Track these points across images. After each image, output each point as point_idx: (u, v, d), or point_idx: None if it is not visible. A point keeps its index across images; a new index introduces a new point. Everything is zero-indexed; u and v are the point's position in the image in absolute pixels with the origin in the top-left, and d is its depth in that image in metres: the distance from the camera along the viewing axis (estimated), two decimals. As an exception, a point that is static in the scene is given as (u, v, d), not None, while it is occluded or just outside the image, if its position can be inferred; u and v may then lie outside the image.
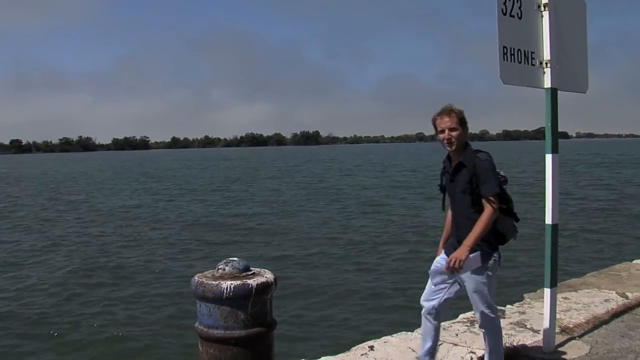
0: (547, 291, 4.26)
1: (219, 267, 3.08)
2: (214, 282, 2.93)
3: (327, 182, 33.15)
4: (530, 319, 5.09)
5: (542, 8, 4.11)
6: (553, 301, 4.24)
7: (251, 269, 3.11)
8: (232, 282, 2.92)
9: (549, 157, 4.17)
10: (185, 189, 31.89)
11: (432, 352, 3.96)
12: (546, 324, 4.26)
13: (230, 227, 17.04)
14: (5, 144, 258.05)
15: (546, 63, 4.12)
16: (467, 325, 4.96)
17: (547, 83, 4.13)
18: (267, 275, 3.06)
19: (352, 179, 34.29)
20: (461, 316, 5.30)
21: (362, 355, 4.34)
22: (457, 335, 4.74)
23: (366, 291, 9.37)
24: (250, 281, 2.94)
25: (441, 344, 4.50)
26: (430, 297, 3.91)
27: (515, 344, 4.43)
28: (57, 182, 40.58)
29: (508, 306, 5.58)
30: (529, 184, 28.68)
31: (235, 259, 3.13)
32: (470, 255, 3.60)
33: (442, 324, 5.06)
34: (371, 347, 4.47)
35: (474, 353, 4.35)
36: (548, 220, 4.23)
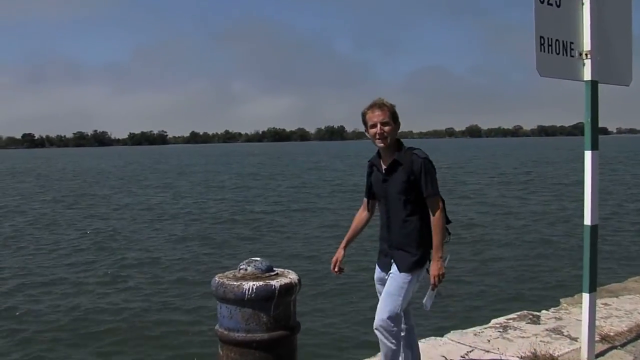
0: (585, 296, 4.20)
1: (241, 267, 3.10)
2: (235, 283, 2.94)
3: (349, 179, 33.10)
4: (567, 325, 5.03)
5: (583, -5, 4.05)
6: (592, 307, 4.18)
7: (274, 269, 3.13)
8: (254, 283, 2.93)
9: (588, 154, 4.11)
10: (208, 186, 32.12)
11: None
12: (585, 331, 4.20)
13: (254, 226, 17.13)
14: (17, 138, 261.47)
15: (586, 54, 4.06)
16: (500, 331, 4.93)
17: (587, 75, 4.06)
18: (291, 276, 3.07)
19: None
20: (493, 321, 5.26)
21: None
22: (489, 341, 4.70)
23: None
24: (273, 282, 2.96)
25: (472, 351, 4.48)
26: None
27: (551, 352, 4.38)
28: (77, 177, 41.26)
29: (543, 311, 5.52)
30: (566, 183, 28.32)
31: (258, 258, 3.15)
32: (413, 259, 3.58)
33: (474, 329, 5.05)
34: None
35: (507, 360, 4.31)
36: (587, 221, 4.17)
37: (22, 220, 19.18)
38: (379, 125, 3.70)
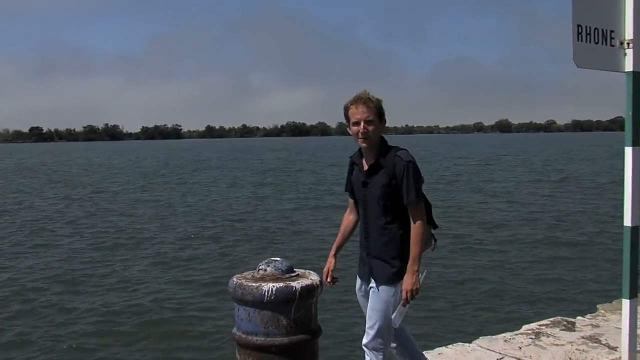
0: (625, 302, 4.14)
1: (260, 267, 3.11)
2: (254, 284, 2.95)
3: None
4: (605, 333, 4.97)
5: (624, -19, 3.99)
6: (633, 314, 4.12)
7: (295, 270, 3.14)
8: (274, 284, 2.94)
9: (628, 151, 4.04)
10: (223, 182, 32.27)
11: None
12: (625, 340, 4.14)
13: (271, 224, 17.18)
14: (24, 132, 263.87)
15: (628, 43, 3.99)
16: (532, 338, 4.88)
17: (629, 66, 3.99)
18: (313, 278, 3.08)
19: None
20: (525, 327, 5.22)
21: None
22: (520, 348, 4.66)
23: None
24: (293, 283, 2.96)
25: (502, 358, 4.45)
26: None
27: (587, 360, 4.33)
28: (87, 173, 41.72)
29: (579, 317, 5.46)
30: (602, 182, 27.99)
31: (278, 258, 3.16)
32: (393, 270, 3.46)
33: (504, 335, 5.01)
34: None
35: (540, 369, 4.27)
36: (627, 222, 4.10)
37: (34, 218, 19.45)
38: (362, 124, 3.57)
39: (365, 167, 3.66)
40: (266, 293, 2.90)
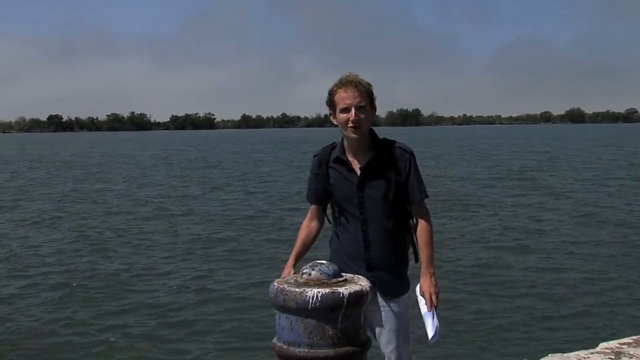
0: None
1: (304, 271, 3.11)
2: (297, 290, 2.95)
3: (425, 171, 32.80)
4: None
5: None
6: None
7: (343, 274, 3.12)
8: (319, 289, 2.93)
9: None
10: (250, 178, 32.46)
11: None
12: None
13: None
14: (42, 120, 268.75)
15: None
16: (611, 358, 4.77)
17: None
18: (362, 283, 3.06)
19: (441, 170, 33.70)
20: (602, 345, 5.10)
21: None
22: (597, 369, 4.56)
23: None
24: (341, 289, 2.95)
25: (577, 379, 4.35)
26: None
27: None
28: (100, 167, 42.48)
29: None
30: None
31: (324, 262, 3.15)
32: (404, 280, 3.50)
33: (577, 353, 4.91)
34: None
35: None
36: None
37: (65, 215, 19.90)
38: (353, 110, 3.45)
39: (357, 164, 3.56)
40: (311, 299, 2.89)
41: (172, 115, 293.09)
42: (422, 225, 3.51)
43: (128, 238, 15.03)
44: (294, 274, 3.42)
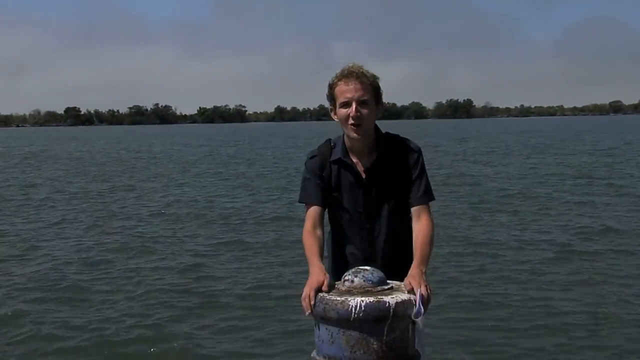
0: None
1: (346, 277, 3.12)
2: (338, 299, 2.96)
3: (473, 169, 32.43)
4: None
5: None
6: None
7: (389, 282, 3.12)
8: (363, 298, 2.93)
9: None
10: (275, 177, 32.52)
11: None
12: None
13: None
14: (58, 113, 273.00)
15: None
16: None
17: None
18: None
19: (492, 167, 33.31)
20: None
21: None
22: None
23: (550, 313, 9.12)
24: (387, 298, 2.95)
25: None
26: None
27: None
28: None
29: None
30: None
31: (368, 268, 3.15)
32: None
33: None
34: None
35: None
36: None
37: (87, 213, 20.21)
38: (354, 105, 3.43)
39: (361, 166, 3.56)
40: (353, 309, 2.90)
41: (199, 108, 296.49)
42: (423, 225, 3.48)
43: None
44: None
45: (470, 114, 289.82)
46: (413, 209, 3.56)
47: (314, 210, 3.66)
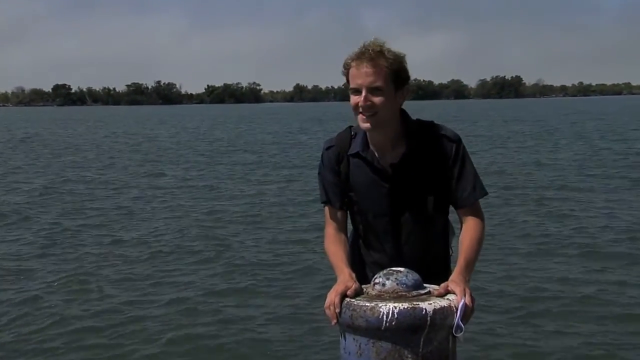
0: None
1: (377, 280, 3.12)
2: (367, 304, 2.96)
3: (520, 158, 32.22)
4: None
5: None
6: None
7: (425, 285, 3.12)
8: (395, 304, 2.93)
9: None
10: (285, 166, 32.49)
11: None
12: None
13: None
14: (45, 91, 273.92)
15: None
16: None
17: None
18: (450, 297, 3.05)
19: (543, 155, 33.05)
20: None
21: None
22: None
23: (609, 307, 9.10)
24: (423, 305, 2.94)
25: None
26: None
27: None
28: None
29: None
30: None
31: (402, 270, 3.15)
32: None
33: None
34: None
35: None
36: None
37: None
38: (363, 92, 3.34)
39: (386, 162, 3.49)
40: (385, 317, 2.90)
41: (207, 86, 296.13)
42: (470, 226, 3.45)
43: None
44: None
45: (519, 92, 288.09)
46: (459, 211, 3.52)
47: (334, 212, 3.66)
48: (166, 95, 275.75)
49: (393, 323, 2.88)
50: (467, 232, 3.43)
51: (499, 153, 33.34)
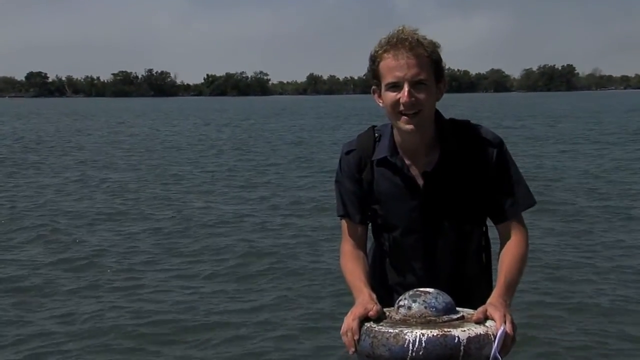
0: None
1: (401, 302, 3.12)
2: (391, 331, 2.96)
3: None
4: None
5: None
6: None
7: (458, 309, 3.12)
8: (423, 331, 2.93)
9: None
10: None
11: None
12: None
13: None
14: (17, 80, 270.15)
15: None
16: None
17: None
18: (488, 324, 3.04)
19: (595, 159, 32.92)
20: None
21: None
22: None
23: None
24: (456, 332, 2.93)
25: None
26: None
27: None
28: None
29: None
30: None
31: (431, 290, 3.14)
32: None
33: None
34: None
35: None
36: None
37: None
38: (406, 88, 3.25)
39: (417, 169, 3.45)
40: (411, 346, 2.89)
41: (207, 75, 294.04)
42: (513, 243, 3.43)
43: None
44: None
45: (571, 84, 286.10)
46: (501, 226, 3.50)
47: (354, 227, 3.66)
48: (159, 85, 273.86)
49: (420, 353, 2.87)
50: (508, 249, 3.41)
51: (554, 158, 33.28)
